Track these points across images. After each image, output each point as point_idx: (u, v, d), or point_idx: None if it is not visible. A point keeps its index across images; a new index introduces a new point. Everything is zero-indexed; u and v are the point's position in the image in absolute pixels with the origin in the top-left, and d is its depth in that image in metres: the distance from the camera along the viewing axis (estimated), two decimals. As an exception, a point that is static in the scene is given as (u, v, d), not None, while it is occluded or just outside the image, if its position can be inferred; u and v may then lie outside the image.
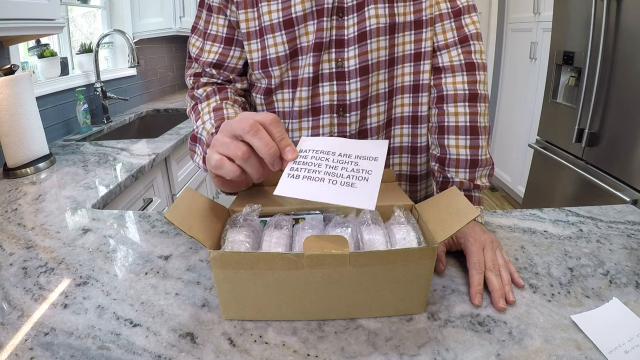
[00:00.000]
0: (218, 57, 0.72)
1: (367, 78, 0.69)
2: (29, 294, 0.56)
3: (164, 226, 0.74)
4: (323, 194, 0.43)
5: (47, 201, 0.94)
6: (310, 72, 0.68)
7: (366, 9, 0.66)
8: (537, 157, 2.23)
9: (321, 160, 0.47)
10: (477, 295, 0.51)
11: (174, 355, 0.44)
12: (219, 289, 0.47)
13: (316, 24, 0.66)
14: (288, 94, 0.72)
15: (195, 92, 0.73)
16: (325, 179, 0.45)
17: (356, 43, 0.67)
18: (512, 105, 3.00)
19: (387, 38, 0.68)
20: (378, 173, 0.45)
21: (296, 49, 0.68)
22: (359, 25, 0.67)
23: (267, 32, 0.67)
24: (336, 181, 0.45)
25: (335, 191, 0.44)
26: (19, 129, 1.15)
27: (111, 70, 2.15)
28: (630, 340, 0.44)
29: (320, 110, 0.71)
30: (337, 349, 0.45)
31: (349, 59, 0.68)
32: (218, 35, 0.71)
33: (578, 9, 1.82)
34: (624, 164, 1.59)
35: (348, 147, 0.49)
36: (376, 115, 0.72)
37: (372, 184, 0.44)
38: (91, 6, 2.11)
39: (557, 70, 2.05)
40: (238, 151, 0.45)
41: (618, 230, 0.69)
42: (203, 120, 0.65)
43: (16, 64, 1.19)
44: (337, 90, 0.70)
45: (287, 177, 0.45)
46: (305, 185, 0.44)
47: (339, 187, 0.44)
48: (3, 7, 1.07)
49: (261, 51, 0.69)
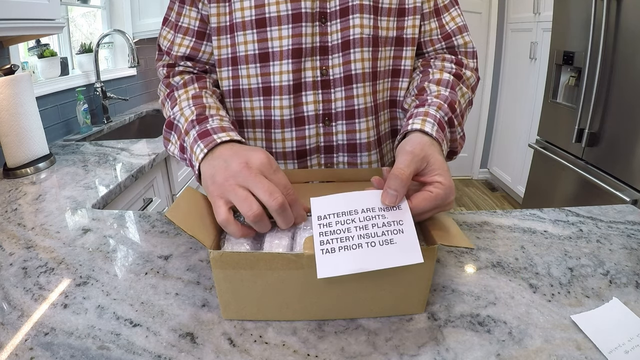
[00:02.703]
0: (190, 51, 0.70)
1: (351, 88, 0.68)
2: (29, 294, 0.56)
3: (164, 226, 0.74)
4: (368, 262, 0.41)
5: (47, 201, 0.94)
6: (289, 79, 0.66)
7: (350, 17, 0.65)
8: (537, 157, 2.23)
9: (348, 224, 0.44)
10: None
11: (174, 355, 0.44)
12: (219, 289, 0.47)
13: (291, 29, 0.64)
14: (258, 102, 0.69)
15: (171, 80, 0.70)
16: (362, 244, 0.42)
17: (340, 51, 0.66)
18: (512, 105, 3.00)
19: (370, 50, 0.67)
20: (409, 220, 0.44)
21: (267, 52, 0.66)
22: (342, 33, 0.66)
23: (238, 28, 0.65)
24: (374, 242, 0.43)
25: (378, 254, 0.42)
26: (19, 129, 1.15)
27: (111, 70, 2.15)
28: (630, 340, 0.44)
29: (304, 120, 0.69)
30: (337, 349, 0.45)
31: (334, 67, 0.67)
32: (190, 28, 0.69)
33: (578, 9, 1.82)
34: (624, 164, 1.59)
35: (366, 200, 0.46)
36: (365, 130, 0.70)
37: (409, 235, 0.43)
38: (91, 6, 2.11)
39: (557, 70, 2.05)
40: (249, 212, 0.45)
41: (618, 230, 0.69)
42: (181, 107, 0.62)
43: (16, 64, 1.19)
44: (323, 100, 0.68)
45: (323, 255, 0.42)
46: (345, 257, 0.42)
47: (379, 248, 0.42)
48: (3, 7, 1.07)
49: (231, 47, 0.67)
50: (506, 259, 0.61)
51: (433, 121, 0.56)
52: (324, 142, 0.71)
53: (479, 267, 0.59)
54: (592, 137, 1.74)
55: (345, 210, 0.46)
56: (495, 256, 0.62)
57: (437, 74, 0.67)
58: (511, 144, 3.00)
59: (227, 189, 0.46)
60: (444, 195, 0.46)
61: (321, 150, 0.73)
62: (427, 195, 0.46)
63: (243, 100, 0.71)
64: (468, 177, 3.55)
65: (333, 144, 0.72)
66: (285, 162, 0.73)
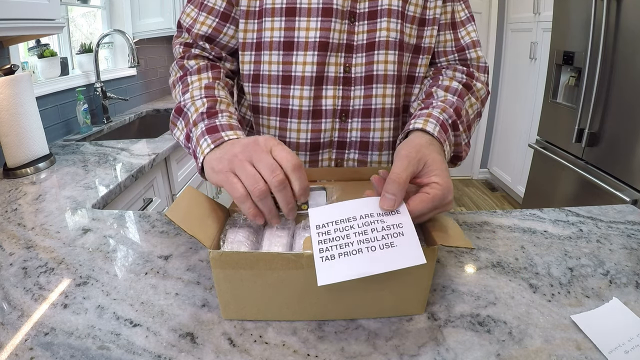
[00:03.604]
0: (211, 31, 0.70)
1: (370, 88, 0.69)
2: (29, 294, 0.56)
3: (164, 226, 0.74)
4: (369, 266, 0.41)
5: (47, 201, 0.94)
6: (313, 71, 0.68)
7: (378, 20, 0.67)
8: (537, 157, 2.23)
9: (347, 231, 0.44)
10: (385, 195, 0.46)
11: (174, 355, 0.44)
12: (219, 289, 0.47)
13: (320, 22, 0.65)
14: (276, 90, 0.70)
15: (185, 62, 0.70)
16: (362, 249, 0.42)
17: (364, 51, 0.68)
18: (512, 105, 3.00)
19: (396, 53, 0.68)
20: (409, 223, 0.44)
21: (292, 41, 0.67)
22: (368, 34, 0.67)
23: (267, 14, 0.66)
24: (374, 247, 0.42)
25: (380, 258, 0.41)
26: (19, 129, 1.15)
27: (111, 70, 2.15)
28: (630, 340, 0.44)
29: (322, 114, 0.70)
30: (337, 349, 0.45)
31: (357, 65, 0.68)
32: (215, 8, 0.69)
33: (578, 9, 1.82)
34: (624, 164, 1.59)
35: (364, 206, 0.46)
36: (380, 130, 0.72)
37: (410, 237, 0.43)
38: (91, 6, 2.11)
39: (557, 70, 2.05)
40: (255, 188, 0.45)
41: (618, 230, 0.69)
42: (192, 95, 0.63)
43: (16, 64, 1.19)
44: (342, 96, 0.70)
45: (323, 262, 0.41)
46: (345, 263, 0.41)
47: (379, 252, 0.42)
48: (3, 7, 1.07)
49: (257, 32, 0.68)
50: (506, 259, 0.61)
51: (435, 122, 0.56)
52: (338, 137, 0.73)
53: (479, 267, 0.59)
54: (592, 137, 1.74)
55: (344, 217, 0.45)
56: (495, 256, 0.62)
57: (447, 81, 0.68)
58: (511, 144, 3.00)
59: (235, 164, 0.47)
60: (441, 196, 0.46)
61: (334, 145, 0.74)
62: (425, 197, 0.46)
63: (261, 87, 0.71)
64: (468, 177, 3.55)
65: (346, 140, 0.73)
66: (298, 154, 0.74)
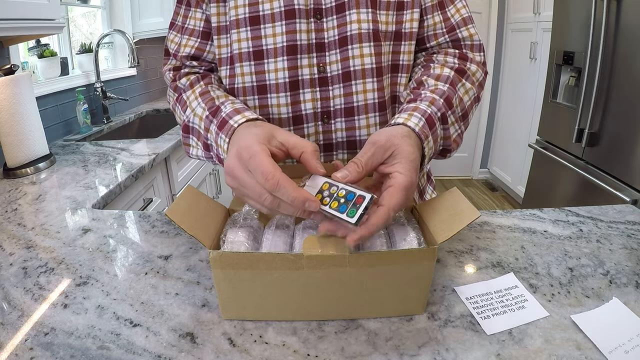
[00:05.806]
0: (195, 51, 0.70)
1: (350, 85, 0.66)
2: (29, 294, 0.56)
3: (164, 226, 0.74)
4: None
5: (47, 201, 0.94)
6: (285, 76, 0.65)
7: (347, 13, 0.64)
8: (537, 157, 2.23)
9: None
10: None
11: (174, 355, 0.44)
12: (219, 289, 0.47)
13: (285, 26, 0.63)
14: (253, 101, 0.68)
15: (178, 83, 0.71)
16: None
17: (338, 47, 0.65)
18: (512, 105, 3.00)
19: (371, 45, 0.65)
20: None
21: (261, 50, 0.65)
22: (339, 29, 0.64)
23: (233, 27, 0.66)
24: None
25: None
26: (19, 129, 1.15)
27: (111, 70, 2.15)
28: (630, 340, 0.44)
29: (303, 119, 0.68)
30: (337, 349, 0.45)
31: (331, 63, 0.66)
32: (195, 29, 0.70)
33: (578, 9, 1.82)
34: (624, 164, 1.59)
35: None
36: (366, 127, 0.69)
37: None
38: (91, 6, 2.12)
39: (557, 70, 2.05)
40: (263, 206, 0.45)
41: (618, 230, 0.69)
42: (192, 107, 0.63)
43: (16, 64, 1.19)
44: (321, 97, 0.67)
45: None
46: None
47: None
48: (3, 7, 1.07)
49: (229, 47, 0.68)
50: (506, 259, 0.61)
51: (421, 116, 0.55)
52: (323, 140, 0.71)
53: (479, 267, 0.59)
54: (592, 137, 1.74)
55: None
56: (495, 256, 0.62)
57: (438, 69, 0.66)
58: (511, 144, 3.00)
59: (233, 187, 0.48)
60: (406, 184, 0.45)
61: (320, 149, 0.72)
62: (392, 191, 0.45)
63: (238, 99, 0.70)
64: (468, 177, 3.55)
65: (332, 141, 0.71)
66: (284, 161, 0.72)
